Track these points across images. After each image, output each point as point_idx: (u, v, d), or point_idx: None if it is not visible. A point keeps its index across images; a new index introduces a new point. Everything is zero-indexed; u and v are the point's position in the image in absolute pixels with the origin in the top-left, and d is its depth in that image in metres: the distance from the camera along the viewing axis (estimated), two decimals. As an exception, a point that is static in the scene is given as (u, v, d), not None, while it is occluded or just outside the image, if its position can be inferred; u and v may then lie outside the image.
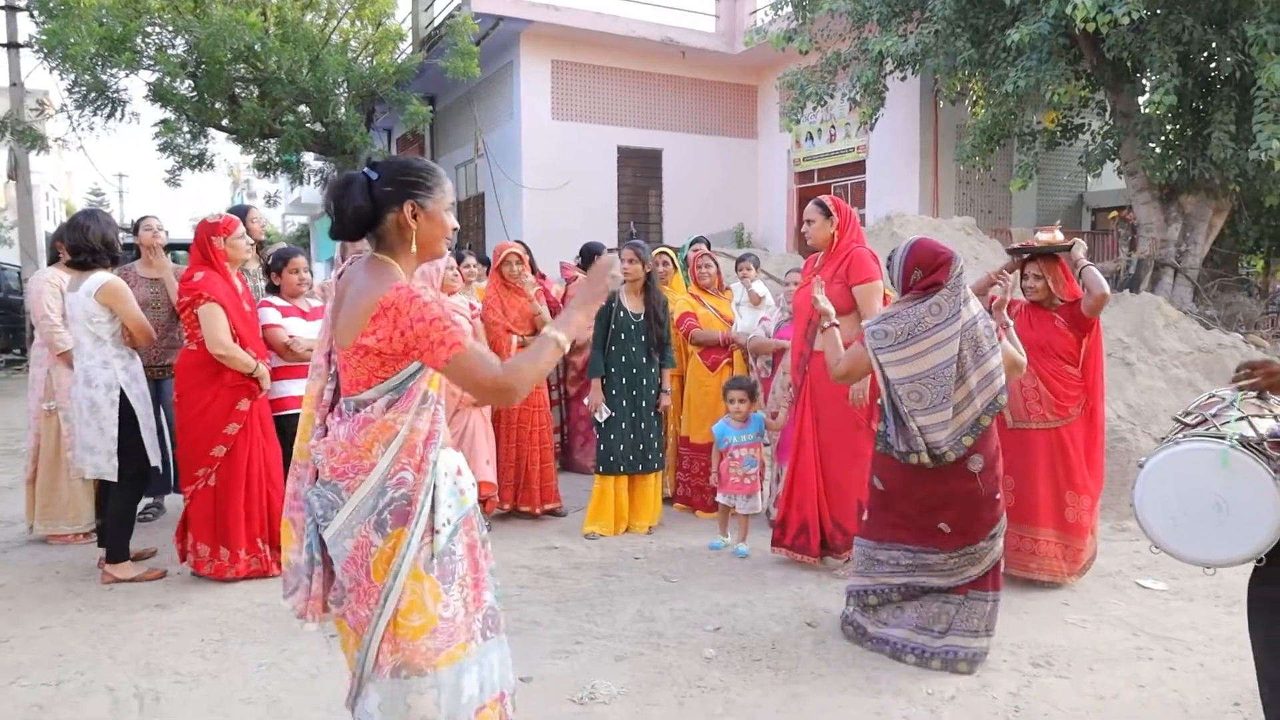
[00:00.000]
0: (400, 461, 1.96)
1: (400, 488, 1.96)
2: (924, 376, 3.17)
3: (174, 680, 3.14)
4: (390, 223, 1.99)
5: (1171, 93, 8.66)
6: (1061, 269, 4.17)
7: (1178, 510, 2.58)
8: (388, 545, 1.94)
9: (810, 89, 11.76)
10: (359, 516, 1.94)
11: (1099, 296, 3.95)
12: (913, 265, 3.24)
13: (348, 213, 1.96)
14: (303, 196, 26.73)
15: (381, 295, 1.87)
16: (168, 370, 5.15)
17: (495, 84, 15.80)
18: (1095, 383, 4.14)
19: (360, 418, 1.96)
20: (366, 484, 1.94)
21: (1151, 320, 8.13)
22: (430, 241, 2.04)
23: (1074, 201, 15.18)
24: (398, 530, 1.95)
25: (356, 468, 1.95)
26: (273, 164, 15.28)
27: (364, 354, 1.92)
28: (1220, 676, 3.16)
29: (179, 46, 13.11)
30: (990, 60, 10.29)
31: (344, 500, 1.95)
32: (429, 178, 2.02)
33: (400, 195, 1.97)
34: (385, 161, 2.01)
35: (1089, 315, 4.02)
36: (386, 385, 1.95)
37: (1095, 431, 4.16)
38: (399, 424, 1.95)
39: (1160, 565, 4.27)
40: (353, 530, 1.95)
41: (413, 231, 1.99)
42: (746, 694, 3.03)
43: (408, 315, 1.85)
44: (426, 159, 2.05)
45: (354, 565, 1.96)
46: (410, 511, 1.96)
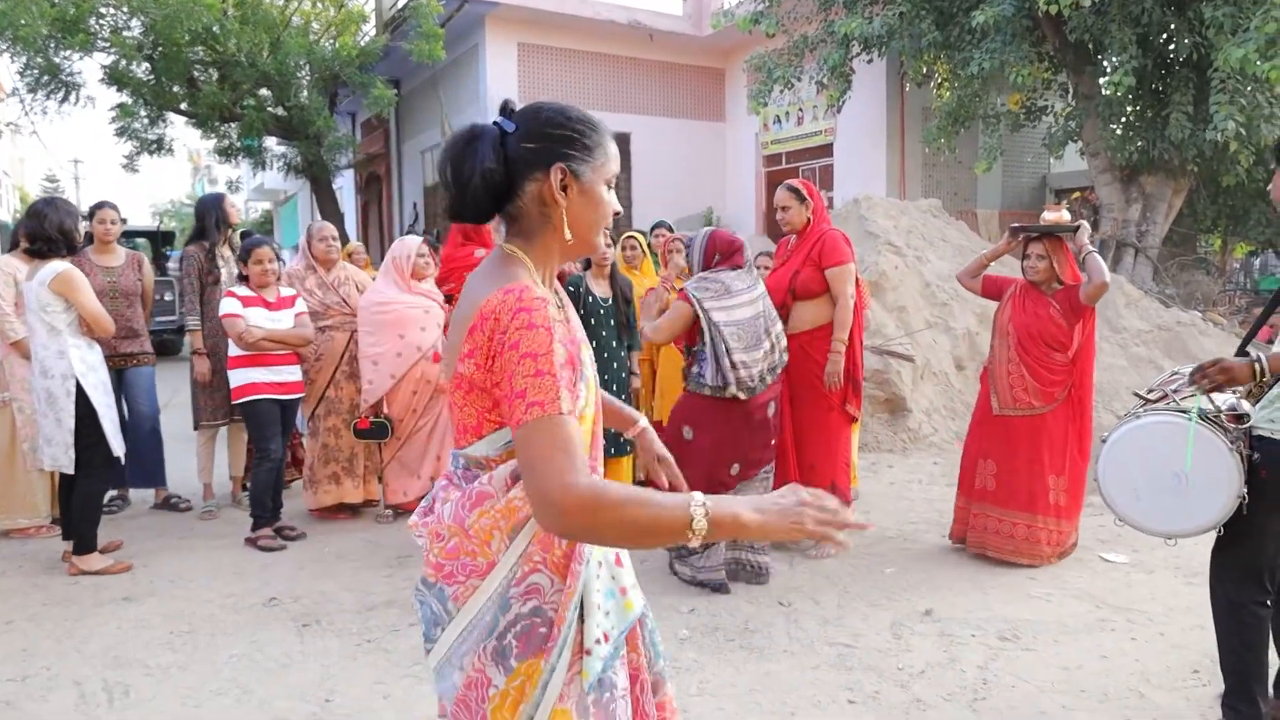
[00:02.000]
0: (532, 560, 1.32)
1: (531, 599, 1.31)
2: (742, 323, 3.80)
3: (143, 673, 3.11)
4: (529, 196, 1.35)
5: (1131, 74, 8.79)
6: (1065, 250, 4.10)
7: (1140, 483, 2.65)
8: (513, 686, 1.30)
9: (778, 72, 11.79)
10: (471, 641, 1.32)
11: (1099, 284, 3.89)
12: (713, 250, 3.95)
13: (473, 181, 1.34)
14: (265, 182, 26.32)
15: (484, 300, 1.28)
16: (129, 359, 5.08)
17: (461, 67, 15.62)
18: (1086, 371, 4.12)
19: (475, 491, 1.32)
20: (482, 593, 1.31)
21: (1113, 299, 8.27)
22: (584, 227, 1.37)
23: (1037, 183, 15.38)
24: (529, 663, 1.30)
25: (469, 567, 1.32)
26: (234, 149, 15.01)
27: (467, 388, 1.32)
28: (1180, 645, 3.25)
29: (135, 28, 12.81)
30: (955, 42, 10.37)
31: (450, 615, 1.34)
32: (588, 133, 1.36)
33: (547, 156, 1.34)
34: (528, 108, 1.40)
35: (1087, 303, 3.97)
36: (503, 436, 1.32)
37: (1084, 419, 4.13)
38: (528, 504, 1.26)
39: (1122, 539, 4.36)
40: (462, 661, 1.33)
41: (561, 210, 1.35)
42: (720, 673, 3.06)
43: (505, 330, 1.24)
44: (575, 110, 1.36)
45: (464, 711, 1.32)
46: (551, 635, 1.30)
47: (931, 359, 7.23)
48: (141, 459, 5.16)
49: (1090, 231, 4.11)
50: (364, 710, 2.83)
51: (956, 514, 4.35)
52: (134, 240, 14.53)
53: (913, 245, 8.28)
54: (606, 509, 1.15)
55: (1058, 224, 4.09)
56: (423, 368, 4.90)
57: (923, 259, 8.08)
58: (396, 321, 4.83)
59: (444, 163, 1.39)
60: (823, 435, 4.31)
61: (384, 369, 4.81)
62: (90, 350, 4.17)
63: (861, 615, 3.56)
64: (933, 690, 2.93)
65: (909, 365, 6.88)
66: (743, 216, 16.38)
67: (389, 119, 18.11)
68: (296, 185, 23.58)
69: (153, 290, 5.36)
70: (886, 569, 4.10)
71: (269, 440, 4.57)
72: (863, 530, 1.29)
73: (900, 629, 3.42)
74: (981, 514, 4.17)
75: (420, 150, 17.83)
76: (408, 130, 18.47)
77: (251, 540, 4.56)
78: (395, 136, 18.97)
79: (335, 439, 5.00)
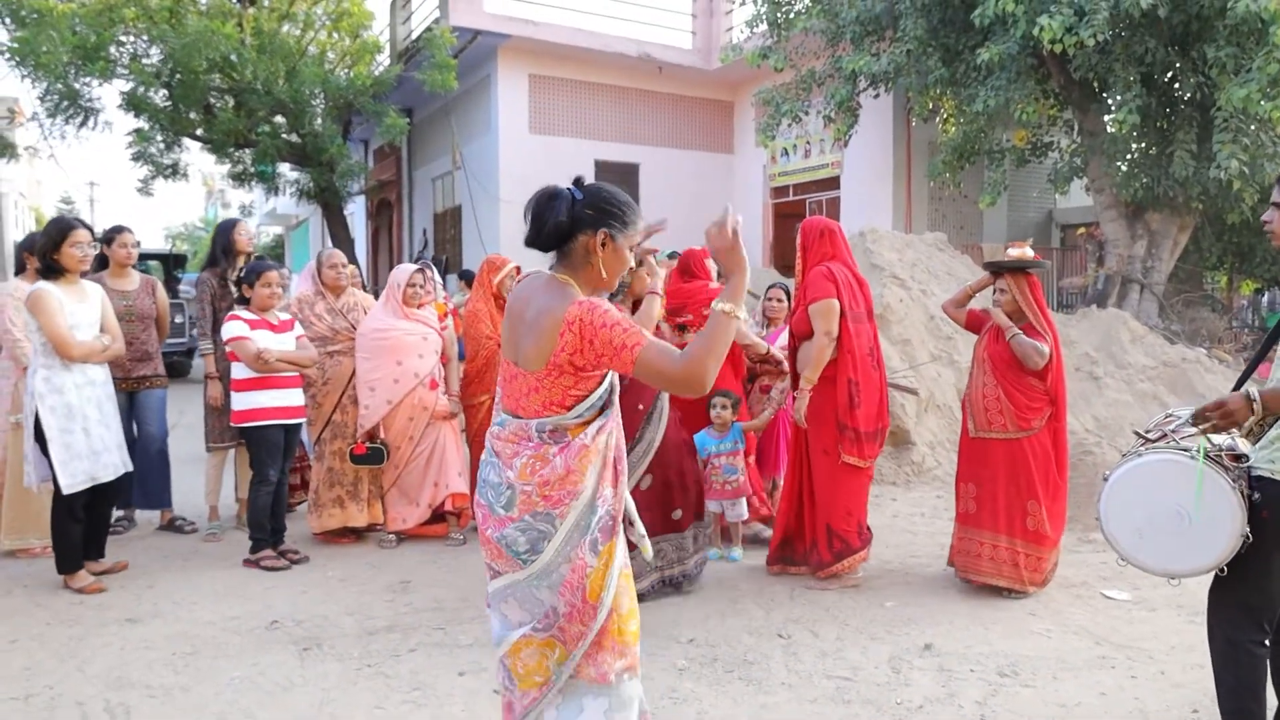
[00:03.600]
0: (604, 478, 2.03)
1: (604, 504, 2.02)
2: None
3: (145, 694, 3.12)
4: (579, 244, 2.04)
5: (1135, 112, 8.88)
6: (1030, 284, 4.22)
7: (1143, 522, 2.64)
8: (600, 562, 2.00)
9: (785, 106, 11.92)
10: (574, 540, 1.99)
11: (1019, 353, 4.07)
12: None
13: (548, 225, 2.02)
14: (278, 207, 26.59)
15: (564, 312, 1.93)
16: (141, 382, 5.13)
17: (473, 97, 15.84)
18: (1059, 400, 4.19)
19: (577, 445, 1.99)
20: (577, 506, 1.99)
21: (1118, 335, 8.30)
22: (610, 273, 2.07)
23: (1043, 218, 15.45)
24: (608, 545, 2.02)
25: (571, 493, 1.99)
26: (248, 174, 15.22)
27: (559, 373, 1.97)
28: (1180, 684, 3.24)
29: (153, 56, 13.06)
30: (961, 79, 10.49)
31: (557, 528, 1.98)
32: (627, 213, 2.07)
33: (597, 221, 2.03)
34: (591, 186, 2.08)
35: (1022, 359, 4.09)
36: (586, 405, 2.00)
37: (1060, 445, 4.23)
38: (602, 445, 2.02)
39: (1124, 576, 4.35)
40: (568, 555, 1.99)
41: (598, 258, 2.04)
42: (719, 705, 3.06)
43: (592, 325, 1.90)
44: (623, 195, 2.11)
45: (569, 590, 1.99)
46: (614, 526, 2.05)
47: (935, 392, 7.25)
48: (148, 481, 5.19)
49: (1011, 327, 4.11)
50: (363, 735, 2.84)
51: (953, 540, 4.38)
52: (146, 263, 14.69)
53: (917, 278, 8.34)
54: (697, 360, 1.86)
55: (1021, 259, 4.23)
56: (420, 394, 4.93)
57: (928, 292, 8.12)
58: (394, 348, 4.88)
59: (532, 207, 2.06)
60: (819, 476, 4.29)
61: (380, 395, 4.85)
62: (56, 371, 4.12)
63: (861, 648, 3.56)
64: (931, 725, 2.92)
65: (913, 398, 6.90)
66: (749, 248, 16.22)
67: (401, 146, 18.34)
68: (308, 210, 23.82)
69: (168, 314, 5.42)
70: (887, 602, 4.10)
71: (269, 466, 4.60)
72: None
73: (899, 663, 3.41)
74: (966, 537, 4.21)
75: (431, 178, 18.02)
76: (419, 158, 18.68)
77: (252, 561, 4.58)
78: (407, 164, 19.19)
79: (340, 463, 5.03)
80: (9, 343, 4.67)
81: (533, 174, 14.82)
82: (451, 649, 3.54)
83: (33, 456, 4.12)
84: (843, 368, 4.21)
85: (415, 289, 4.98)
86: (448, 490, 5.01)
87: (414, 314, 4.99)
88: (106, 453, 4.26)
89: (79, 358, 4.16)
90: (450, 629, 3.75)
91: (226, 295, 5.25)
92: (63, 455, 4.08)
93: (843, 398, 4.20)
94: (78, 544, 4.25)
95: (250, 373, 4.54)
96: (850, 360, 4.21)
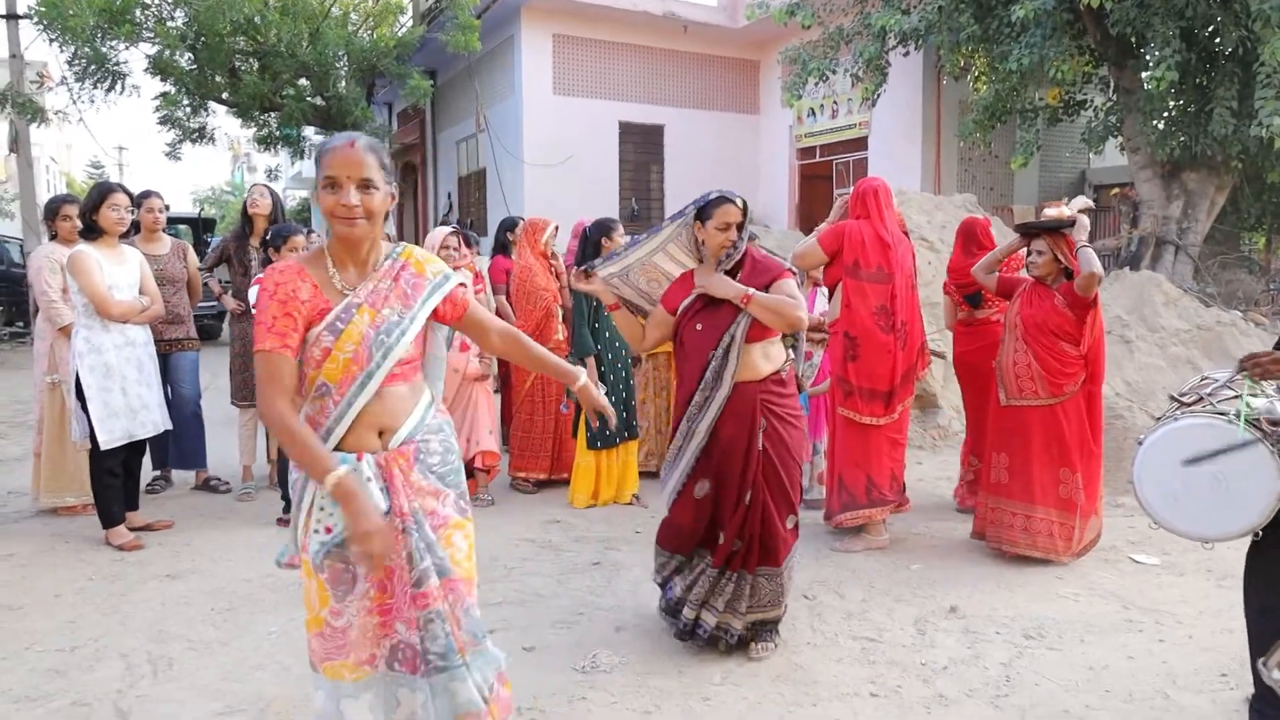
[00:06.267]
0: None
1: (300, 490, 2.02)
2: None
3: (186, 646, 3.22)
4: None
5: (1174, 69, 8.63)
6: (1068, 244, 4.15)
7: (1177, 486, 2.61)
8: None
9: (813, 64, 11.72)
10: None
11: (1088, 275, 3.94)
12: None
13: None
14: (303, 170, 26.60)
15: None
16: (174, 345, 5.21)
17: (496, 58, 15.71)
18: (1097, 368, 4.14)
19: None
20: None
21: (1151, 298, 8.16)
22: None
23: (1076, 178, 15.15)
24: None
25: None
26: (273, 138, 15.23)
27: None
28: (1209, 648, 3.23)
29: (178, 19, 13.05)
30: (994, 36, 10.24)
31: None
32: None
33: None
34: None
35: (1081, 294, 4.02)
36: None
37: (1095, 412, 4.18)
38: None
39: (1153, 540, 4.33)
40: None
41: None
42: (745, 664, 3.10)
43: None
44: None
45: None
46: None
47: (963, 356, 7.17)
48: (182, 441, 5.30)
49: (1087, 227, 4.12)
50: (397, 689, 2.91)
51: (977, 510, 4.37)
52: (175, 227, 14.83)
53: (946, 241, 8.22)
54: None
55: (1057, 219, 4.18)
56: (451, 357, 4.98)
57: (956, 255, 8.01)
58: None
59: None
60: (832, 427, 4.54)
61: None
62: (96, 331, 4.27)
63: (886, 610, 3.58)
64: (955, 686, 2.95)
65: (940, 362, 6.84)
66: (776, 210, 16.32)
67: (425, 109, 18.26)
68: (333, 174, 23.83)
69: (199, 277, 5.50)
70: (912, 565, 4.12)
71: None
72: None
73: (924, 625, 3.43)
74: (997, 508, 4.19)
75: (455, 140, 17.96)
76: (443, 120, 18.61)
77: (285, 520, 4.67)
78: (431, 126, 19.13)
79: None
80: (45, 304, 4.76)
81: (557, 136, 14.76)
82: (482, 606, 3.58)
83: (76, 413, 4.27)
84: (840, 322, 4.32)
85: (449, 251, 5.01)
86: (478, 447, 5.08)
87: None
88: (145, 411, 4.39)
89: (117, 316, 4.29)
90: (480, 588, 3.80)
91: (243, 259, 5.42)
92: (101, 412, 4.21)
93: (838, 351, 4.34)
94: (118, 498, 4.38)
95: None
96: (848, 315, 4.27)
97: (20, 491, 5.33)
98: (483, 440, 5.10)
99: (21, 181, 15.99)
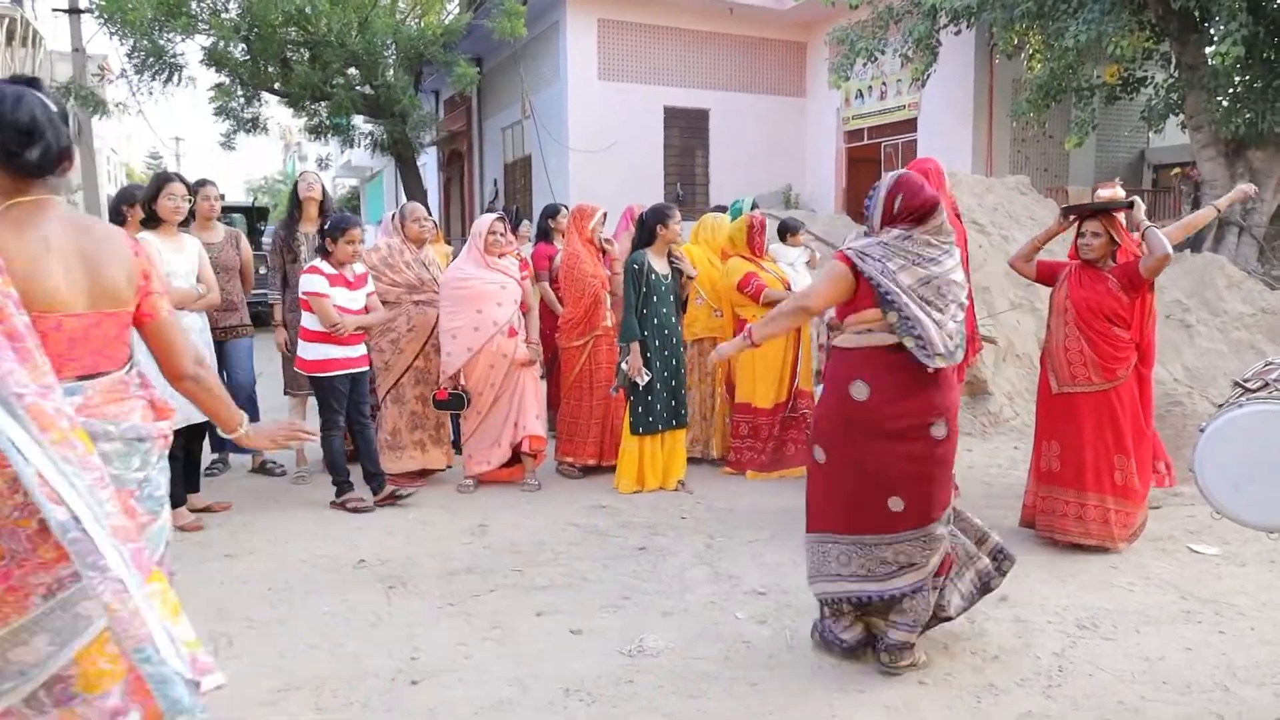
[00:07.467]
0: None
1: None
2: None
3: (245, 625, 3.31)
4: None
5: (1240, 43, 8.33)
6: (1120, 226, 4.06)
7: (1240, 474, 2.54)
8: None
9: (860, 44, 11.53)
10: None
11: (1161, 257, 3.82)
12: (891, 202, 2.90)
13: None
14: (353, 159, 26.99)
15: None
16: (228, 332, 5.33)
17: (541, 44, 15.73)
18: (1147, 348, 4.07)
19: None
20: None
21: (1213, 280, 7.91)
22: None
23: (1134, 158, 14.72)
24: None
25: None
26: (324, 127, 15.46)
27: None
28: (1270, 641, 3.15)
29: (232, 10, 13.30)
30: (1049, 12, 9.97)
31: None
32: None
33: None
34: None
35: (1147, 276, 3.92)
36: None
37: (1146, 396, 4.10)
38: None
39: (1213, 530, 4.22)
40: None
41: None
42: (792, 649, 3.10)
43: None
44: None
45: None
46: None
47: (1015, 341, 7.05)
48: (239, 425, 5.43)
49: (1144, 206, 4.00)
50: (447, 669, 2.97)
51: (1025, 499, 4.30)
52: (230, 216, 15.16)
53: (998, 224, 8.06)
54: None
55: (1113, 200, 4.08)
56: (499, 342, 5.03)
57: (1009, 238, 7.85)
58: (474, 297, 4.97)
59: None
60: None
61: (461, 342, 4.97)
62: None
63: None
64: (1006, 675, 2.91)
65: (992, 347, 6.73)
66: (822, 194, 16.13)
67: (471, 96, 18.38)
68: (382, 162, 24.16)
69: (252, 265, 5.62)
70: (962, 553, 4.06)
71: (336, 411, 4.77)
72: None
73: (975, 613, 3.37)
74: (1049, 496, 4.11)
75: (501, 128, 18.05)
76: (489, 108, 18.71)
77: (338, 504, 4.77)
78: (477, 114, 19.25)
79: (424, 407, 5.22)
80: None
81: (601, 122, 14.75)
82: (529, 590, 3.66)
83: None
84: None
85: (496, 237, 5.06)
86: (525, 432, 5.14)
87: (495, 263, 5.07)
88: None
89: (174, 303, 4.37)
90: (527, 571, 3.86)
91: (292, 246, 5.48)
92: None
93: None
94: (178, 480, 4.50)
95: (319, 325, 4.67)
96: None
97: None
98: (529, 425, 5.15)
99: (84, 172, 16.48)
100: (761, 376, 5.47)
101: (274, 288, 5.58)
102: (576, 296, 5.43)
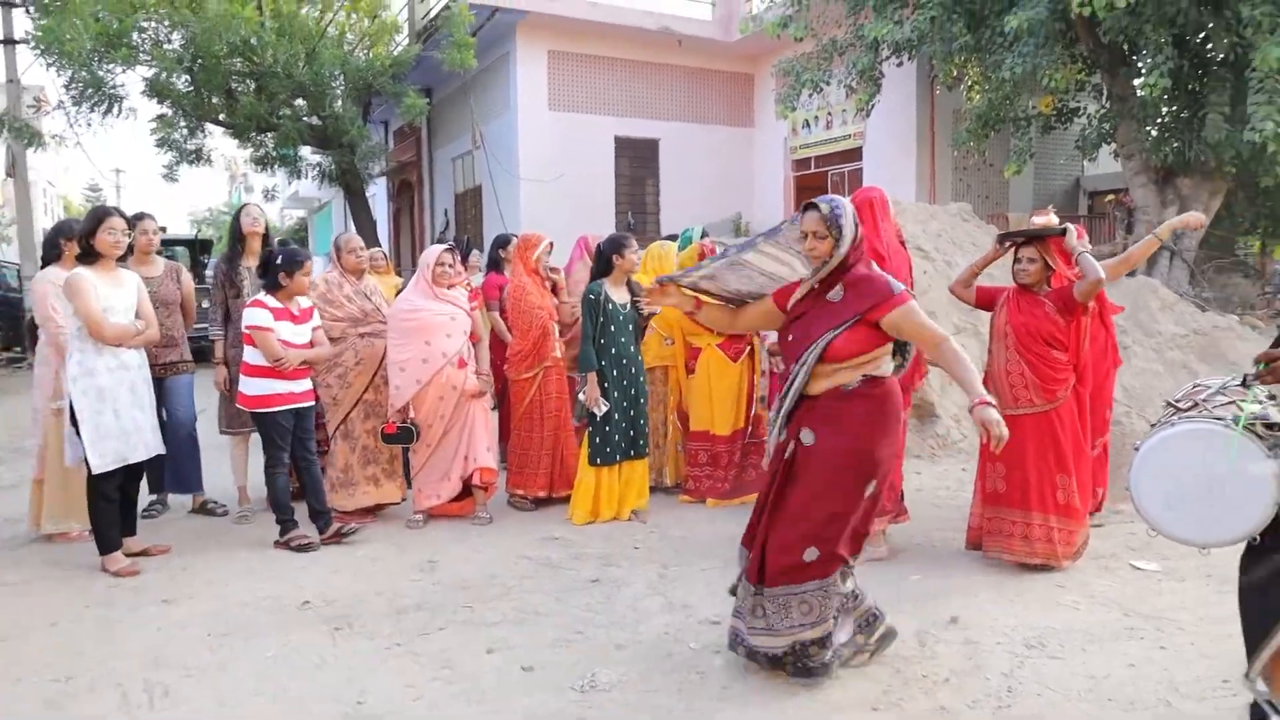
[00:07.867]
0: None
1: None
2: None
3: (182, 673, 3.19)
4: None
5: (1166, 75, 8.67)
6: (1056, 252, 4.18)
7: (1171, 492, 2.60)
8: None
9: (806, 76, 11.78)
10: None
11: (1094, 280, 3.95)
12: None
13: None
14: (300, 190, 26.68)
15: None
16: (168, 369, 5.20)
17: (492, 75, 15.78)
18: (1084, 369, 4.18)
19: None
20: None
21: (1147, 303, 8.16)
22: None
23: (1070, 185, 15.19)
24: None
25: None
26: (270, 158, 15.29)
27: None
28: (1210, 655, 3.21)
29: (175, 41, 13.11)
30: (986, 45, 10.29)
31: None
32: None
33: None
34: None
35: (1081, 300, 4.04)
36: None
37: (1084, 415, 4.20)
38: None
39: (1153, 546, 4.32)
40: None
41: None
42: (746, 678, 3.08)
43: None
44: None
45: None
46: None
47: (961, 364, 7.17)
48: (178, 465, 5.28)
49: (1076, 234, 4.12)
50: (395, 711, 2.89)
51: (971, 520, 4.36)
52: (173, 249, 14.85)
53: (941, 250, 8.24)
54: None
55: (1046, 227, 4.20)
56: (449, 374, 4.97)
57: (952, 263, 8.02)
58: (422, 328, 4.92)
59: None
60: None
61: (410, 375, 4.90)
62: (89, 355, 4.24)
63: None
64: (957, 698, 2.93)
65: (938, 371, 6.84)
66: (772, 221, 16.27)
67: (421, 127, 18.34)
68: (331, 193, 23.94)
69: (194, 299, 5.49)
70: (912, 576, 4.10)
71: (281, 449, 4.66)
72: None
73: (925, 636, 3.41)
74: (995, 517, 4.18)
75: (451, 158, 18.02)
76: (439, 138, 18.68)
77: (282, 543, 4.65)
78: (427, 144, 19.21)
79: (375, 442, 5.11)
80: (51, 330, 4.75)
81: (552, 152, 14.82)
82: (479, 626, 3.59)
83: (69, 436, 4.29)
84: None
85: (444, 268, 5.01)
86: (476, 464, 5.07)
87: (444, 294, 5.02)
88: (138, 433, 4.35)
89: (111, 339, 4.26)
90: (477, 607, 3.80)
91: (234, 281, 5.33)
92: (92, 435, 4.19)
93: None
94: (114, 523, 4.35)
95: (262, 360, 4.57)
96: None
97: (15, 519, 5.31)
98: (480, 457, 5.08)
99: (19, 206, 16.03)
100: (719, 404, 5.47)
101: (215, 323, 5.41)
102: (524, 329, 5.40)
